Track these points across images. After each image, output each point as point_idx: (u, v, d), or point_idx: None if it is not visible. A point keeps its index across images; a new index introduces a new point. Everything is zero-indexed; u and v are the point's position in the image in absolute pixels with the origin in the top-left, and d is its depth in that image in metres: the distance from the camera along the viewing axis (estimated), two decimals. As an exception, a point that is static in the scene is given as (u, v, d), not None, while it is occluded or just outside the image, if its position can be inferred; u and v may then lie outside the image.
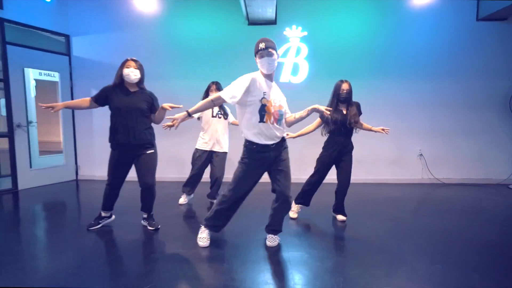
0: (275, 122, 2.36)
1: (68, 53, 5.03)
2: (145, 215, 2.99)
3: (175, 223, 3.14)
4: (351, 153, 3.13)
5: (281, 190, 2.44)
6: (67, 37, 5.01)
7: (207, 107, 2.41)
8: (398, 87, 4.94)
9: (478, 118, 4.93)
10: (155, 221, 2.96)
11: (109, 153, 2.79)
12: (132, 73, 2.64)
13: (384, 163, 5.07)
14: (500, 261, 2.34)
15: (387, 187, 4.80)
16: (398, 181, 5.07)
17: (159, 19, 4.96)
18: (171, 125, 2.38)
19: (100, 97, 2.69)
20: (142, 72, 2.73)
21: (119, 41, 4.99)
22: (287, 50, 4.88)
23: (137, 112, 2.68)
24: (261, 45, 2.28)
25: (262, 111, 2.30)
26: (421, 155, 5.02)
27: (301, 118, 2.51)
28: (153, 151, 2.82)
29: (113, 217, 3.05)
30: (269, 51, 2.28)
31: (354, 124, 3.03)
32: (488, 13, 4.57)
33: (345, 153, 3.10)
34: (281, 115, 2.40)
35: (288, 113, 2.56)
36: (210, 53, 4.93)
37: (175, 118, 2.30)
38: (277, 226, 2.59)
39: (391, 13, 4.84)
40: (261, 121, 2.31)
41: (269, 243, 2.57)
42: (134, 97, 2.70)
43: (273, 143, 2.38)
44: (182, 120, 2.30)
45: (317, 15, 4.85)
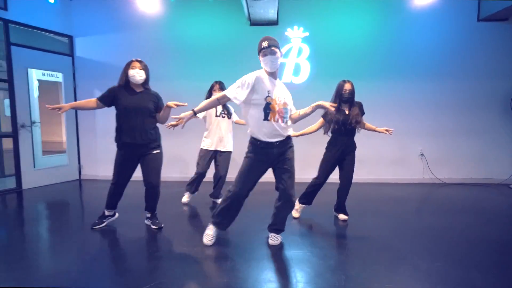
0: (280, 120, 2.38)
1: (71, 53, 5.07)
2: (149, 214, 3.02)
3: (178, 222, 3.17)
4: (354, 153, 3.15)
5: (284, 189, 2.46)
6: (70, 38, 5.05)
7: (212, 106, 2.45)
8: (399, 87, 4.96)
9: (479, 118, 4.95)
10: (158, 220, 2.98)
11: (111, 153, 2.82)
12: (138, 74, 2.67)
13: (386, 163, 5.09)
14: (501, 259, 2.36)
15: (388, 186, 4.82)
16: (399, 181, 5.08)
17: (162, 20, 4.99)
18: (175, 124, 2.41)
19: (107, 98, 2.71)
20: (147, 73, 2.76)
21: (122, 42, 5.03)
22: (289, 50, 4.90)
23: (145, 112, 2.71)
24: (264, 44, 2.31)
25: (267, 109, 2.32)
26: (422, 155, 5.04)
27: (305, 114, 2.52)
28: (159, 151, 2.85)
29: (116, 215, 3.08)
30: (272, 50, 2.30)
31: (356, 124, 3.05)
32: (489, 13, 4.59)
33: (348, 153, 3.11)
34: (286, 113, 2.42)
35: (293, 110, 2.58)
36: (213, 54, 4.97)
37: (181, 117, 2.31)
38: (280, 225, 2.62)
39: (392, 14, 4.87)
40: (265, 119, 2.34)
41: (271, 241, 2.59)
42: (141, 98, 2.73)
43: (277, 141, 2.40)
44: (188, 119, 2.31)
45: (318, 15, 4.88)
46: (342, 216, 3.22)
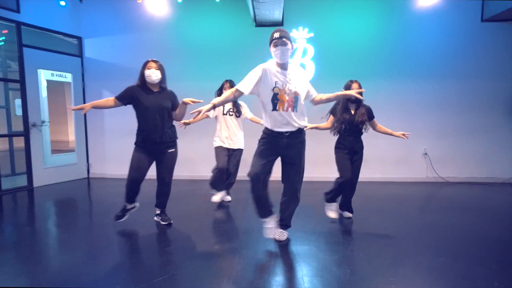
0: (291, 109, 2.43)
1: (80, 54, 5.18)
2: (158, 211, 3.10)
3: (186, 219, 3.24)
4: (361, 152, 3.18)
5: (290, 184, 2.54)
6: (79, 39, 5.16)
7: (230, 100, 2.53)
8: (403, 87, 5.01)
9: (482, 118, 4.98)
10: (167, 217, 3.07)
11: (119, 151, 2.90)
12: (154, 74, 2.75)
13: (390, 162, 5.14)
14: (503, 256, 2.42)
15: (392, 185, 4.87)
16: (403, 180, 5.13)
17: (169, 21, 5.08)
18: (187, 122, 2.49)
19: (125, 97, 2.77)
20: (163, 72, 2.83)
21: (130, 43, 5.12)
22: (294, 51, 4.97)
23: (164, 111, 2.79)
24: (276, 35, 2.39)
25: (275, 99, 2.41)
26: (426, 154, 5.09)
27: (328, 99, 2.58)
28: (174, 149, 2.93)
29: (138, 204, 3.08)
30: (283, 41, 2.37)
31: (361, 125, 3.10)
32: (493, 14, 4.62)
33: (354, 152, 3.16)
34: (296, 102, 2.45)
35: (314, 93, 2.62)
36: (219, 54, 5.05)
37: (200, 110, 2.30)
38: (287, 221, 2.68)
39: (396, 14, 4.92)
40: (274, 110, 2.42)
41: (278, 237, 2.65)
42: (159, 97, 2.80)
43: (287, 131, 2.46)
44: (207, 110, 2.34)
45: (323, 16, 4.95)
46: (347, 214, 3.28)
